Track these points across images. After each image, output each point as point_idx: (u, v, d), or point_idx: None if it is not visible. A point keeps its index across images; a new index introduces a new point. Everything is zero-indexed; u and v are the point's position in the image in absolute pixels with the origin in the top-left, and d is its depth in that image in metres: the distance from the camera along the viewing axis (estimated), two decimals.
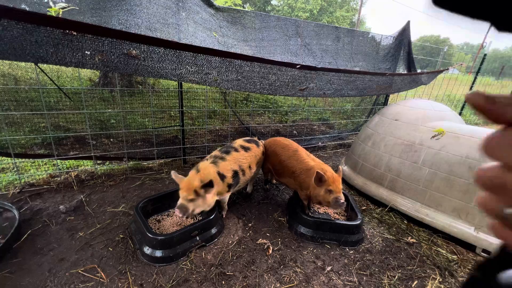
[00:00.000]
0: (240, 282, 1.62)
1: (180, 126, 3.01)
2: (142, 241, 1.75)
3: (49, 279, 1.53)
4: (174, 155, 3.16)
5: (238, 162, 2.09)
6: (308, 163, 2.11)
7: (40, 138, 2.88)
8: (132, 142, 3.25)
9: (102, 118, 3.91)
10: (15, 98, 3.41)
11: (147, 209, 2.03)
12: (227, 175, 1.96)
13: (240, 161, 2.10)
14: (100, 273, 1.59)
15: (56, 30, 1.40)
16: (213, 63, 2.00)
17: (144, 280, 1.58)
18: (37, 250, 1.72)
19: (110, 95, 4.61)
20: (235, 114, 4.23)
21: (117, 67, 1.88)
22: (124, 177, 2.72)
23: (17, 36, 1.40)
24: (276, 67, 2.22)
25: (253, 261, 1.80)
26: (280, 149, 2.35)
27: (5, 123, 2.70)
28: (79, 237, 1.86)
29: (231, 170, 2.00)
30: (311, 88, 2.82)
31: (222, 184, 1.93)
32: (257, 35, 3.65)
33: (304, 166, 2.10)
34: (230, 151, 2.11)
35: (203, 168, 1.88)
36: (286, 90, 2.74)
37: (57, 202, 2.20)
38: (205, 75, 2.17)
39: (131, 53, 1.72)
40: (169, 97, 3.67)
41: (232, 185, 2.03)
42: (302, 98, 5.26)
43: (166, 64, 1.93)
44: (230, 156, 2.07)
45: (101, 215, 2.12)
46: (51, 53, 1.57)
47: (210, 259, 1.78)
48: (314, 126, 5.13)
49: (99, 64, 1.78)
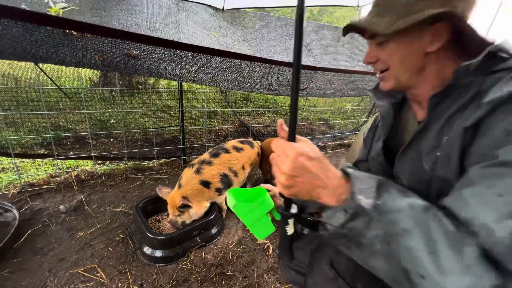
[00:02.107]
0: (240, 282, 1.62)
1: (180, 126, 3.01)
2: (142, 241, 1.75)
3: (49, 279, 1.53)
4: (174, 155, 3.16)
5: (228, 164, 2.05)
6: None
7: (40, 138, 2.88)
8: (132, 142, 3.25)
9: (102, 118, 3.91)
10: (15, 98, 3.41)
11: (147, 209, 2.03)
12: (212, 181, 1.93)
13: (231, 163, 2.07)
14: (100, 273, 1.59)
15: (56, 30, 1.40)
16: (213, 63, 2.00)
17: (144, 280, 1.58)
18: (37, 250, 1.72)
19: (110, 95, 4.61)
20: (235, 114, 4.23)
21: (117, 67, 1.88)
22: (124, 177, 2.72)
23: (17, 35, 1.40)
24: (276, 67, 2.22)
25: (253, 261, 1.80)
26: None
27: (5, 123, 2.70)
28: (79, 237, 1.86)
29: (218, 174, 1.96)
30: (311, 88, 2.82)
31: (208, 190, 1.91)
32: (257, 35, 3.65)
33: None
34: (219, 153, 2.07)
35: (184, 182, 1.86)
36: (286, 90, 2.74)
37: (57, 202, 2.20)
38: (205, 75, 2.17)
39: (131, 54, 1.72)
40: (169, 97, 3.67)
41: (222, 188, 2.00)
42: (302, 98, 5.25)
43: (166, 64, 1.93)
44: (218, 159, 2.03)
45: (101, 215, 2.11)
46: (51, 53, 1.57)
47: (210, 259, 1.78)
48: (314, 126, 5.13)
49: (99, 64, 1.78)
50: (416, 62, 0.65)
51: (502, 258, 0.44)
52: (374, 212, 0.52)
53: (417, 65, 0.66)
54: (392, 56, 0.67)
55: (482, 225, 0.46)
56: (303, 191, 0.57)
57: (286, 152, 0.56)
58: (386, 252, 0.51)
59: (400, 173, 0.76)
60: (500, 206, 0.45)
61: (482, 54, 0.56)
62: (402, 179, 0.76)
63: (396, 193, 0.54)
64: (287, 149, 0.57)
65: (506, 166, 0.47)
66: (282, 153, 0.58)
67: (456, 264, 0.44)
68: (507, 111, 0.51)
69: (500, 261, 0.44)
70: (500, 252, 0.44)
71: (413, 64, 0.66)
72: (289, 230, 0.70)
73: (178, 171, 2.99)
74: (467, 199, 0.49)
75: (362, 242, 0.53)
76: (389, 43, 0.66)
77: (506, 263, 0.43)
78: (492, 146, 0.50)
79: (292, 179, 0.56)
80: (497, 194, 0.46)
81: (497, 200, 0.46)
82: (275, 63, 2.17)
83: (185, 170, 1.97)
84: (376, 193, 0.53)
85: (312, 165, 0.55)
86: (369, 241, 0.52)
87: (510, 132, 0.48)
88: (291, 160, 0.55)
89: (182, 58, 1.87)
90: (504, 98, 0.51)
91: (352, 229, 0.54)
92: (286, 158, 0.56)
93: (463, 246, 0.45)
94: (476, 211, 0.47)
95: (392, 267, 0.50)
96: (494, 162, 0.49)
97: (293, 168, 0.55)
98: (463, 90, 0.60)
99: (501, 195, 0.45)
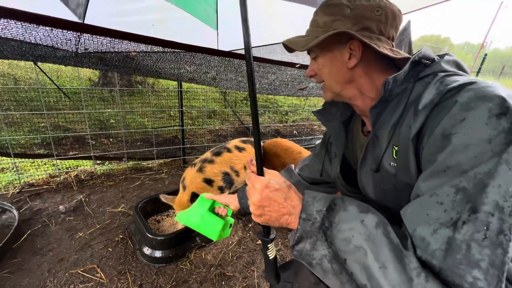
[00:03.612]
0: (240, 282, 1.62)
1: (180, 126, 3.01)
2: (142, 241, 1.75)
3: (49, 279, 1.52)
4: (173, 155, 3.16)
5: (230, 163, 2.05)
6: None
7: (39, 138, 2.88)
8: (132, 142, 3.25)
9: (101, 118, 3.90)
10: (14, 98, 3.41)
11: (146, 209, 2.03)
12: (215, 179, 1.93)
13: (232, 162, 2.07)
14: (100, 273, 1.59)
15: (56, 30, 1.40)
16: (211, 63, 1.99)
17: (143, 281, 1.57)
18: (37, 250, 1.71)
19: (109, 95, 4.60)
20: (235, 114, 4.22)
21: (117, 67, 1.88)
22: (124, 177, 2.71)
23: (16, 35, 1.40)
24: (276, 66, 2.21)
25: (253, 261, 1.79)
26: (282, 151, 2.32)
27: (4, 123, 2.70)
28: (78, 237, 1.86)
29: (220, 172, 1.97)
30: (311, 88, 2.81)
31: (211, 188, 1.92)
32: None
33: None
34: (222, 152, 2.08)
35: (189, 182, 1.86)
36: (285, 90, 2.74)
37: (57, 202, 2.20)
38: (203, 75, 2.16)
39: (130, 54, 1.72)
40: (168, 97, 3.67)
41: (224, 187, 2.00)
42: (303, 98, 5.25)
43: (165, 63, 1.92)
44: (220, 157, 2.04)
45: (101, 215, 2.11)
46: (50, 53, 1.57)
47: (210, 260, 1.77)
48: (315, 126, 5.12)
49: (99, 64, 1.78)
50: (342, 75, 0.70)
51: (439, 270, 0.45)
52: (319, 234, 0.56)
53: (344, 78, 0.70)
54: (322, 69, 0.74)
55: (420, 238, 0.48)
56: (272, 219, 0.63)
57: (254, 185, 0.64)
58: (336, 271, 0.54)
59: (365, 186, 0.78)
60: (440, 214, 0.46)
61: (406, 65, 0.60)
62: (368, 192, 0.77)
63: (354, 209, 0.56)
64: (255, 182, 0.64)
65: (446, 172, 0.47)
66: (251, 186, 0.65)
67: (400, 276, 0.45)
68: (440, 113, 0.51)
69: (438, 273, 0.45)
70: (436, 264, 0.45)
71: (340, 77, 0.71)
72: (271, 254, 0.76)
73: (177, 171, 2.99)
74: (414, 211, 0.51)
75: (312, 262, 0.57)
76: (319, 58, 0.73)
77: (445, 275, 0.44)
78: (433, 152, 0.51)
79: (261, 209, 0.63)
80: (438, 202, 0.46)
81: (437, 209, 0.46)
82: (275, 63, 2.17)
83: (187, 170, 1.97)
84: (326, 214, 0.57)
85: (276, 195, 0.62)
86: (318, 261, 0.56)
87: (446, 135, 0.49)
88: (258, 192, 0.62)
89: (180, 58, 1.86)
90: (435, 101, 0.53)
91: (300, 251, 0.58)
92: (255, 191, 0.63)
93: (404, 258, 0.47)
94: (417, 223, 0.49)
95: (345, 284, 0.53)
96: (436, 168, 0.49)
97: (260, 199, 0.62)
98: (400, 98, 0.63)
99: (441, 203, 0.46)
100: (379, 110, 0.66)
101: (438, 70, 0.59)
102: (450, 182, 0.46)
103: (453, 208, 0.44)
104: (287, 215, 0.61)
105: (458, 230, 0.43)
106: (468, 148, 0.45)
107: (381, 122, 0.67)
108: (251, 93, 0.67)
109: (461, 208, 0.44)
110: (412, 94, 0.60)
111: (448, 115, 0.49)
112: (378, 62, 0.69)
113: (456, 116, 0.48)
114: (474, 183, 0.43)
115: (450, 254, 0.43)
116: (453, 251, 0.43)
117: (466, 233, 0.42)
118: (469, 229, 0.42)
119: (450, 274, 0.43)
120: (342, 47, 0.68)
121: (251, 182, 0.66)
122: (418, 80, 0.61)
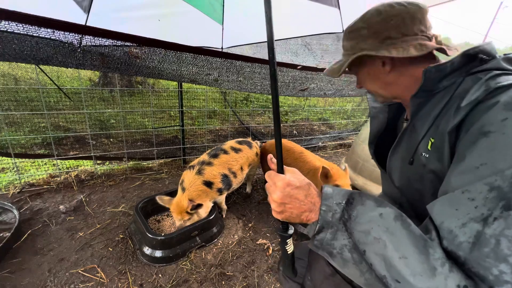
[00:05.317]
0: (240, 282, 1.63)
1: (180, 126, 3.01)
2: (142, 241, 1.75)
3: (49, 279, 1.53)
4: (174, 155, 3.16)
5: (227, 165, 2.05)
6: (315, 163, 2.12)
7: (40, 138, 2.88)
8: (132, 142, 3.25)
9: (102, 118, 3.91)
10: (15, 98, 3.41)
11: (147, 209, 2.03)
12: (214, 181, 1.93)
13: (230, 164, 2.07)
14: (100, 273, 1.59)
15: (57, 32, 1.40)
16: (213, 64, 2.00)
17: (144, 280, 1.58)
18: (37, 250, 1.72)
19: (110, 95, 4.60)
20: (235, 114, 4.23)
21: (118, 69, 1.88)
22: (124, 177, 2.72)
23: (19, 38, 1.40)
24: (277, 67, 2.21)
25: (253, 261, 1.80)
26: (284, 152, 2.33)
27: (5, 123, 2.70)
28: (79, 237, 1.86)
29: (219, 174, 1.96)
30: (312, 89, 2.82)
31: (210, 191, 1.91)
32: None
33: (311, 166, 2.11)
34: (218, 154, 2.07)
35: (188, 185, 1.85)
36: (287, 91, 2.75)
37: (57, 202, 2.20)
38: (206, 76, 2.17)
39: (132, 52, 1.72)
40: (169, 97, 3.67)
41: (223, 188, 2.00)
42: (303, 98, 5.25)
43: (166, 65, 1.93)
44: (218, 159, 2.03)
45: (101, 215, 2.12)
46: (52, 55, 1.57)
47: (210, 259, 1.78)
48: (314, 126, 5.13)
49: (100, 65, 1.78)
50: (383, 81, 0.76)
51: (463, 261, 0.46)
52: (340, 224, 0.58)
53: (386, 82, 0.76)
54: (365, 82, 0.82)
55: (447, 230, 0.49)
56: (293, 215, 0.64)
57: (276, 183, 0.65)
58: (356, 261, 0.56)
59: (392, 171, 0.81)
60: (470, 210, 0.46)
61: (456, 57, 0.60)
62: (394, 178, 0.80)
63: (371, 203, 0.58)
64: (276, 180, 0.65)
65: (479, 168, 0.48)
66: (272, 184, 0.66)
67: (422, 264, 0.47)
68: (482, 110, 0.51)
69: (463, 264, 0.46)
70: (461, 255, 0.46)
71: (382, 83, 0.77)
72: (289, 249, 0.77)
73: (178, 171, 2.99)
74: (443, 205, 0.52)
75: (332, 252, 0.59)
76: (358, 74, 0.83)
77: (470, 266, 0.45)
78: (468, 147, 0.52)
79: (282, 206, 0.64)
80: (470, 198, 0.47)
81: (468, 205, 0.47)
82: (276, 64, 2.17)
83: (185, 172, 1.97)
84: (345, 207, 0.59)
85: (298, 193, 0.63)
86: (338, 250, 0.58)
87: (484, 132, 0.49)
88: (280, 190, 0.63)
89: (182, 60, 1.87)
90: (480, 98, 0.52)
91: (321, 240, 0.60)
92: (276, 188, 0.64)
93: (428, 248, 0.48)
94: (446, 217, 0.50)
95: (365, 274, 0.55)
96: (469, 164, 0.50)
97: (282, 196, 0.63)
98: (446, 91, 0.64)
99: (473, 199, 0.47)
100: (422, 100, 0.68)
101: (495, 68, 0.57)
102: (484, 180, 0.46)
103: (485, 205, 0.45)
104: (307, 212, 0.63)
105: (488, 225, 0.44)
106: (506, 147, 0.45)
107: (423, 113, 0.69)
108: (273, 92, 0.68)
109: (493, 205, 0.44)
110: (459, 88, 0.60)
111: (489, 113, 0.49)
112: (416, 59, 0.70)
113: (497, 114, 0.48)
114: (510, 182, 0.43)
115: (478, 247, 0.44)
116: (481, 244, 0.44)
117: (497, 228, 0.43)
118: (500, 225, 0.43)
119: (475, 265, 0.44)
120: (373, 60, 0.74)
121: (272, 179, 0.66)
122: (469, 75, 0.60)
